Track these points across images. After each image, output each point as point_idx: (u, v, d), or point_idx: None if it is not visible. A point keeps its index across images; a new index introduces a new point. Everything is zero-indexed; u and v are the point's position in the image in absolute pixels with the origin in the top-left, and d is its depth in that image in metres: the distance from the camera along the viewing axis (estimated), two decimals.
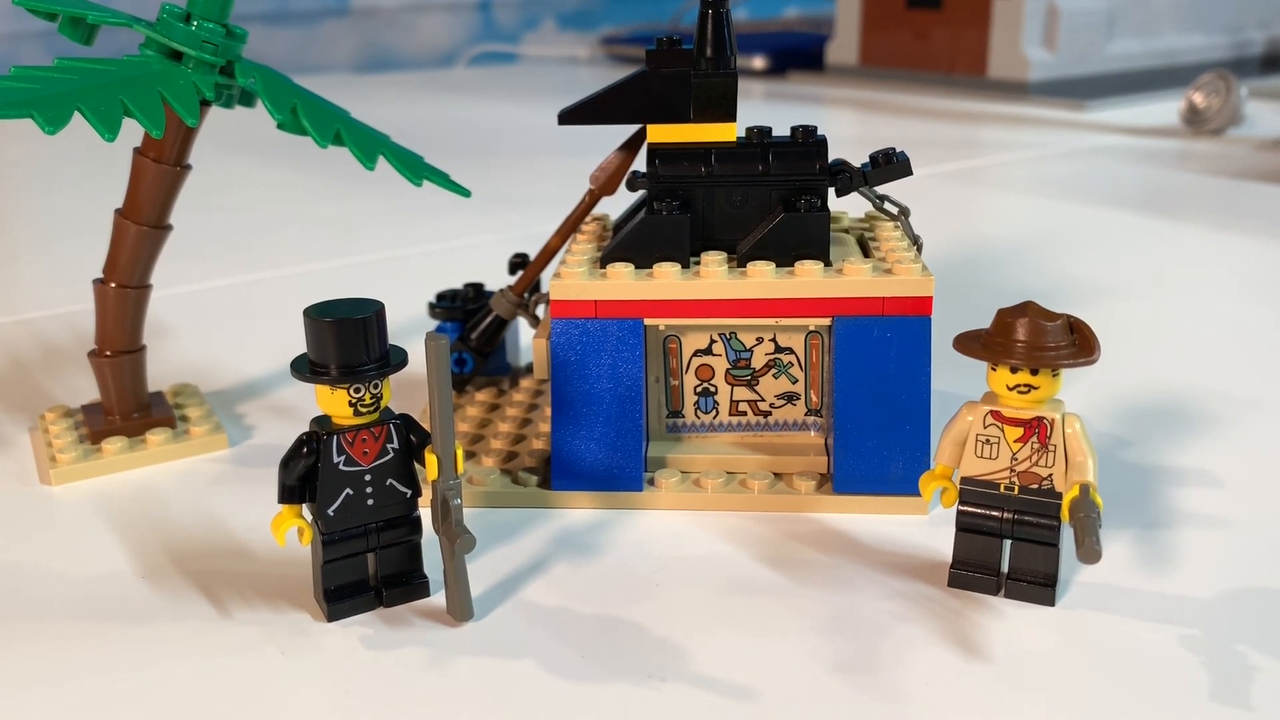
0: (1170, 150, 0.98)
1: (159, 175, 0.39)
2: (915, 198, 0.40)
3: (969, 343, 0.30)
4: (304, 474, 0.30)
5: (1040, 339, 0.29)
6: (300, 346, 0.30)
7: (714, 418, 0.39)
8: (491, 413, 0.43)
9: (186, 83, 0.36)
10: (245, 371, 0.50)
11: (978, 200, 0.84)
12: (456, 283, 0.48)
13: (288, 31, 2.04)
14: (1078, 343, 0.30)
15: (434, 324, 0.46)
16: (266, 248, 0.72)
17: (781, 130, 0.38)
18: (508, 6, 2.33)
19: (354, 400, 0.30)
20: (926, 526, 0.35)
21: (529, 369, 0.47)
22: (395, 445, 0.31)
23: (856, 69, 1.39)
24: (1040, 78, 1.23)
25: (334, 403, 0.30)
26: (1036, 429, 0.30)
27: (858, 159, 0.39)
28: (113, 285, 0.40)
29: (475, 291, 0.46)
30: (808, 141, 0.38)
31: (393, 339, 0.31)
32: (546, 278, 0.46)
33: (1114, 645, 0.29)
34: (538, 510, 0.37)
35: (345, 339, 0.29)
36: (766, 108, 1.28)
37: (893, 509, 0.36)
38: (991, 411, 0.30)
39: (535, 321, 0.43)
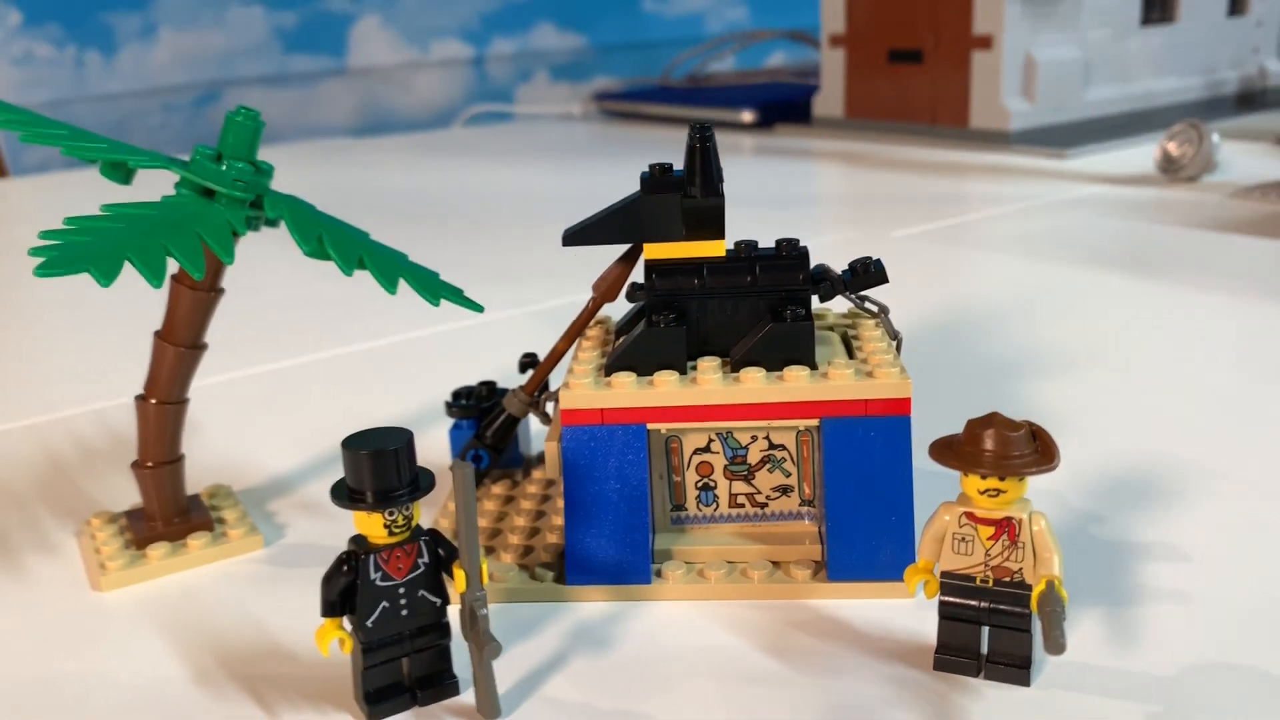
0: (1147, 200, 1.02)
1: (195, 301, 0.42)
2: (902, 259, 0.43)
3: (942, 451, 0.33)
4: (344, 590, 0.33)
5: (1006, 449, 0.32)
6: (322, 439, 0.33)
7: (714, 510, 0.42)
8: (507, 505, 0.46)
9: (221, 221, 0.39)
10: (273, 467, 0.53)
11: (962, 260, 0.87)
12: (469, 365, 0.51)
13: (287, 93, 2.09)
14: (1039, 450, 0.33)
15: (450, 421, 0.49)
16: (281, 334, 0.75)
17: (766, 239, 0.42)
18: (501, 60, 2.38)
19: (388, 522, 0.33)
20: (913, 609, 0.38)
21: (540, 458, 0.50)
22: (426, 559, 0.34)
23: (842, 121, 1.43)
24: (1020, 127, 1.27)
25: (370, 524, 0.33)
26: (1006, 528, 0.33)
27: (846, 216, 0.42)
28: (153, 402, 0.43)
29: (488, 389, 0.49)
30: (791, 254, 0.41)
31: (411, 424, 0.34)
32: (555, 376, 0.50)
33: None
34: (554, 604, 0.40)
35: (379, 468, 0.32)
36: (756, 163, 1.32)
37: (881, 594, 0.39)
38: (965, 512, 0.33)
39: (546, 419, 0.46)
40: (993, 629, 0.34)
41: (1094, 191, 1.06)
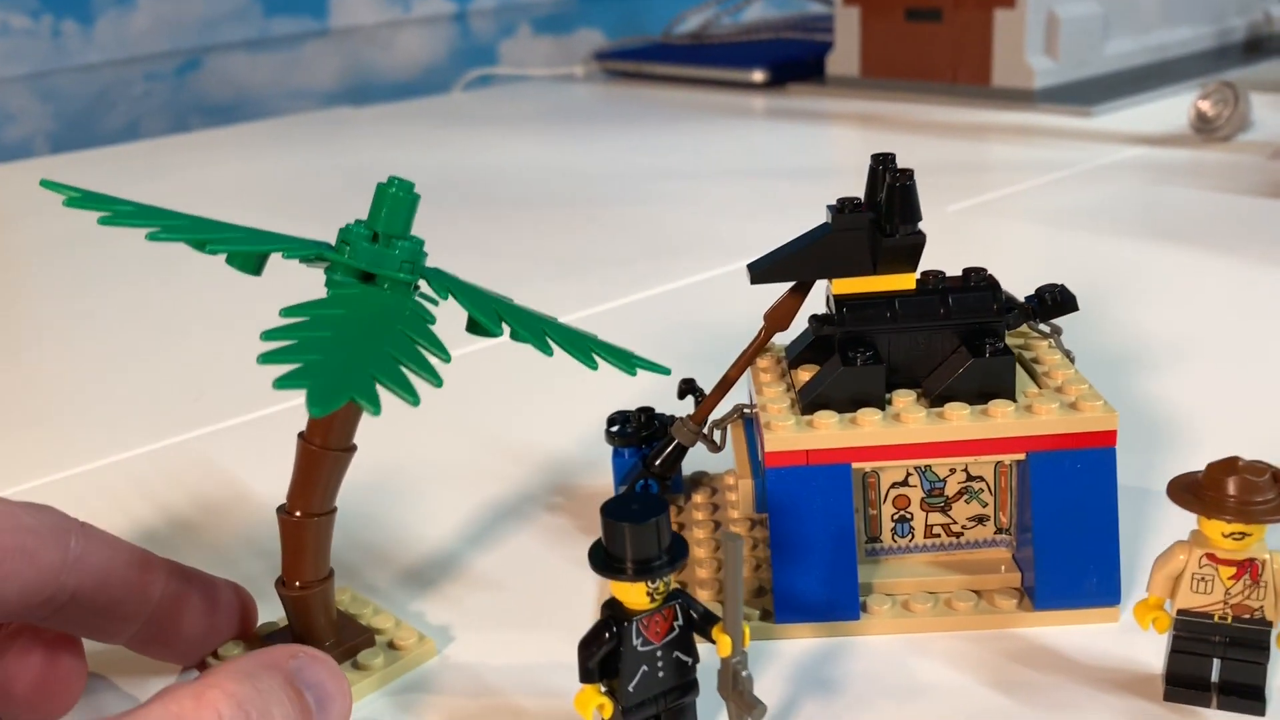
0: (1183, 161, 1.03)
1: (335, 463, 0.37)
2: (939, 235, 0.41)
3: (1182, 494, 0.34)
4: (605, 657, 0.33)
5: (1250, 494, 0.33)
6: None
7: (910, 541, 0.42)
8: (684, 533, 0.46)
9: (414, 315, 0.33)
10: (395, 542, 0.52)
11: (1017, 235, 0.88)
12: (557, 372, 0.48)
13: (270, 57, 2.04)
14: None
15: (609, 449, 0.49)
16: None
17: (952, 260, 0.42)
18: (483, 15, 2.33)
19: (651, 590, 0.33)
20: (1117, 633, 0.39)
21: (696, 479, 0.50)
22: (680, 622, 0.34)
23: (858, 80, 1.43)
24: (1045, 85, 1.27)
25: (631, 593, 0.33)
26: (1249, 568, 0.34)
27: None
28: (298, 515, 0.37)
29: (645, 416, 0.49)
30: (979, 283, 0.41)
31: (527, 428, 0.33)
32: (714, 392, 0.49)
33: None
34: (763, 641, 0.40)
35: (641, 539, 0.32)
36: (769, 127, 1.31)
37: (1086, 619, 0.40)
38: (1206, 554, 0.34)
39: (715, 447, 0.46)
40: (1227, 661, 0.35)
41: (1131, 155, 1.06)
